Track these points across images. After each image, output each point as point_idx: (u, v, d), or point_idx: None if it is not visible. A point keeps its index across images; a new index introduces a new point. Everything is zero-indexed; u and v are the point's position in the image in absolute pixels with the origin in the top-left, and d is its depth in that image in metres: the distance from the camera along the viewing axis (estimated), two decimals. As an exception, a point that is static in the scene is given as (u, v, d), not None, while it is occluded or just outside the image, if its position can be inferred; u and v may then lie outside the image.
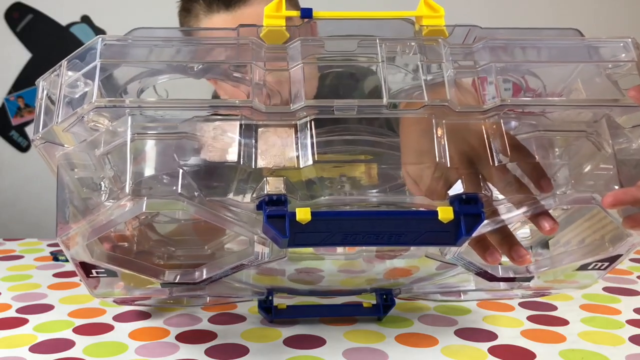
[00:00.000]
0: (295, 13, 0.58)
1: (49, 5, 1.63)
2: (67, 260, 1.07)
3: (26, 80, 1.62)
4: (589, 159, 0.56)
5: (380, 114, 0.55)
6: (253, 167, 0.53)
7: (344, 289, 0.80)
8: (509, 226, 0.69)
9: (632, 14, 1.72)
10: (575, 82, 0.58)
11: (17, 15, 1.62)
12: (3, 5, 1.62)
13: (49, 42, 1.63)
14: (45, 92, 0.56)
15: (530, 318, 0.77)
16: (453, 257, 0.61)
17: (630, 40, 0.57)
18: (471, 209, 0.53)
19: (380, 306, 0.77)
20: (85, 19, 1.64)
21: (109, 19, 1.63)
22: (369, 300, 0.79)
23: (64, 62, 0.55)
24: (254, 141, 0.54)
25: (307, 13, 0.59)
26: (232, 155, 0.53)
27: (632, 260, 1.06)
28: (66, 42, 1.62)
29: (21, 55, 1.63)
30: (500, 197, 0.55)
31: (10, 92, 1.63)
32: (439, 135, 0.54)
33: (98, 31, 1.65)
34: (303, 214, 0.52)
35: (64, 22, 1.63)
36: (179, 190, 0.52)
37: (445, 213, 0.53)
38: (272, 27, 0.57)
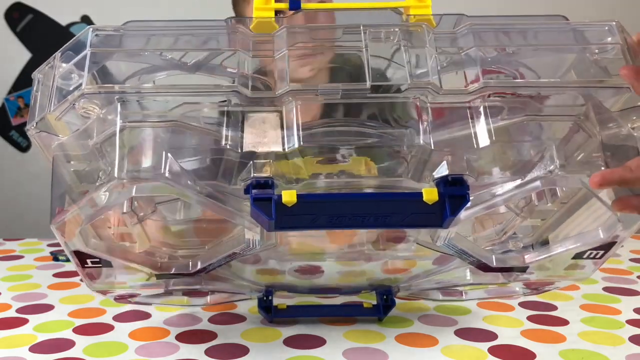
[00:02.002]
0: (284, 5, 0.59)
1: (49, 5, 1.63)
2: (67, 260, 1.07)
3: (26, 80, 1.62)
4: (580, 145, 0.56)
5: (365, 99, 0.55)
6: (240, 151, 0.54)
7: (343, 286, 0.80)
8: (507, 221, 0.69)
9: (625, 10, 1.73)
10: (569, 73, 0.58)
11: (17, 15, 1.62)
12: (3, 5, 1.62)
13: (49, 42, 1.63)
14: (40, 85, 0.57)
15: (530, 318, 0.77)
16: (444, 243, 0.61)
17: (614, 23, 0.57)
18: (456, 190, 0.53)
19: (381, 306, 0.76)
20: (85, 19, 1.64)
21: (109, 19, 1.63)
22: (369, 301, 0.79)
23: (58, 54, 0.56)
24: (240, 126, 0.54)
25: (295, 5, 0.59)
26: (219, 139, 0.54)
27: (632, 260, 1.06)
28: (66, 42, 1.62)
29: (21, 55, 1.63)
30: (488, 180, 0.56)
31: (10, 92, 1.63)
32: (423, 118, 0.54)
33: (98, 31, 1.65)
34: (289, 196, 0.52)
35: (64, 22, 1.63)
36: (167, 174, 0.52)
37: (430, 194, 0.53)
38: (261, 18, 0.58)
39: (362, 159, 0.58)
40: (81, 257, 0.59)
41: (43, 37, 1.63)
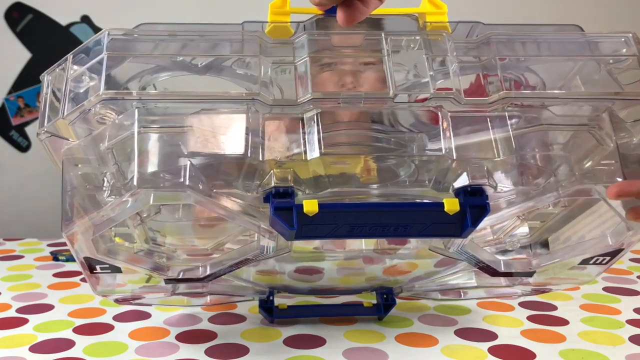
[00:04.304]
0: (300, 10, 0.59)
1: (49, 5, 1.62)
2: (67, 260, 1.07)
3: (26, 80, 1.62)
4: (590, 153, 0.56)
5: (386, 107, 0.55)
6: (260, 159, 0.53)
7: (344, 288, 0.80)
8: (507, 222, 0.69)
9: (634, 13, 1.72)
10: (574, 79, 0.58)
11: (17, 15, 1.62)
12: (3, 5, 1.61)
13: (49, 42, 1.63)
14: (50, 87, 0.56)
15: (530, 318, 0.77)
16: (457, 250, 0.61)
17: (631, 35, 0.58)
18: (477, 200, 0.53)
19: (381, 306, 0.77)
20: (85, 19, 1.63)
21: (109, 19, 1.63)
22: (369, 300, 0.79)
23: (70, 56, 0.56)
24: (261, 134, 0.54)
25: (331, 10, 0.59)
26: (239, 148, 0.53)
27: (632, 260, 1.06)
28: (66, 42, 1.62)
29: (21, 55, 1.62)
30: (505, 189, 0.56)
31: (10, 92, 1.62)
32: (444, 127, 0.55)
33: (98, 31, 1.65)
34: (310, 206, 0.52)
35: (64, 22, 1.63)
36: (186, 182, 0.52)
37: (451, 205, 0.53)
38: (277, 23, 0.58)
39: (360, 158, 0.58)
40: (90, 263, 0.59)
41: (43, 37, 1.63)
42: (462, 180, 0.54)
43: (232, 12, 1.58)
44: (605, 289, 0.90)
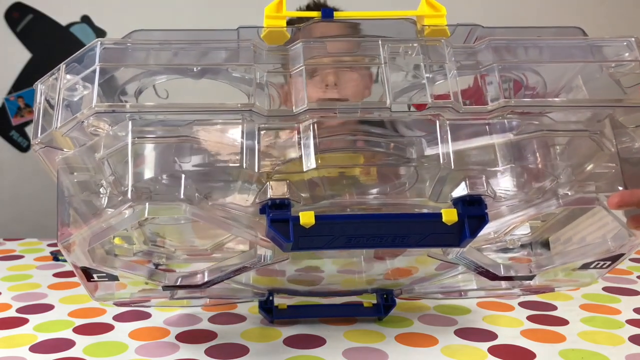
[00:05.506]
0: (294, 13, 0.58)
1: (49, 5, 1.62)
2: (66, 260, 1.07)
3: (26, 80, 1.62)
4: (590, 158, 0.56)
5: (383, 116, 0.55)
6: (256, 170, 0.53)
7: (344, 290, 0.80)
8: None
9: (636, 15, 1.72)
10: (576, 79, 0.58)
11: (17, 15, 1.62)
12: (3, 5, 1.61)
13: (49, 42, 1.63)
14: (43, 96, 0.56)
15: (530, 318, 0.77)
16: (455, 256, 0.61)
17: (633, 39, 0.57)
18: (475, 210, 0.53)
19: (381, 306, 0.76)
20: (85, 19, 1.63)
21: (109, 19, 1.63)
22: (369, 300, 0.79)
23: (62, 66, 0.55)
24: (256, 144, 0.54)
25: (328, 14, 0.59)
26: (234, 159, 0.53)
27: (632, 260, 1.06)
28: (66, 42, 1.62)
29: (21, 55, 1.62)
30: (504, 197, 0.55)
31: (10, 92, 1.62)
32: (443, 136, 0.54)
33: (98, 31, 1.65)
34: (307, 218, 0.52)
35: (64, 22, 1.63)
36: (182, 196, 0.51)
37: (449, 215, 0.52)
38: (273, 28, 0.57)
39: (359, 156, 0.57)
40: (87, 271, 0.59)
41: (43, 37, 1.63)
42: (461, 190, 0.54)
43: (230, 11, 1.58)
44: (605, 289, 0.90)
